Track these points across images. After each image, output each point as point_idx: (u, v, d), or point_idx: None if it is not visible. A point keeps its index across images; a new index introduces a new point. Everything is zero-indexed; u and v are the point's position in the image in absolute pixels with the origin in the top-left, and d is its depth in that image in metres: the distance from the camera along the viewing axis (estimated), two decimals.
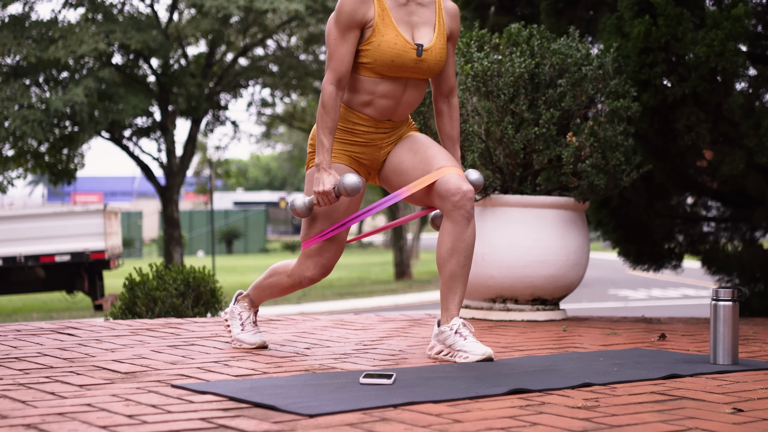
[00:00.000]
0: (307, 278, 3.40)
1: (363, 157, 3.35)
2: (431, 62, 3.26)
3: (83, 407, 2.31)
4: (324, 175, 3.20)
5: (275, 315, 5.46)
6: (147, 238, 48.15)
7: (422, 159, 3.30)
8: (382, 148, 3.36)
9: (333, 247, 3.37)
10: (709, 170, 6.07)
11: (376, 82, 3.25)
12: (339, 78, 3.20)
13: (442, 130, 3.48)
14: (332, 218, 3.32)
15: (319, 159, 3.21)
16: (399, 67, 3.22)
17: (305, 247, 3.36)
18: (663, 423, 2.24)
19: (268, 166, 64.92)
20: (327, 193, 3.19)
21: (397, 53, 3.20)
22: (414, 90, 3.31)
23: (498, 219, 4.85)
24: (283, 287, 3.49)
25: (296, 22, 18.97)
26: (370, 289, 19.15)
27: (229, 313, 3.60)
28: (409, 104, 3.32)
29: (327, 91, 3.20)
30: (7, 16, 16.62)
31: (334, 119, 3.20)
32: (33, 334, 3.89)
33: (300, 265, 3.40)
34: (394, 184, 3.38)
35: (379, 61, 3.20)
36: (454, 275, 3.26)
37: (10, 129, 15.28)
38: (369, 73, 3.24)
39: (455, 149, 3.47)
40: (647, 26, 5.13)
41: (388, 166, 3.38)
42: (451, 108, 3.46)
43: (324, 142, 3.20)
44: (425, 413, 2.29)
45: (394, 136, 3.37)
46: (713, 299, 3.24)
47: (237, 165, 54.79)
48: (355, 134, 3.31)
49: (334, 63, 3.20)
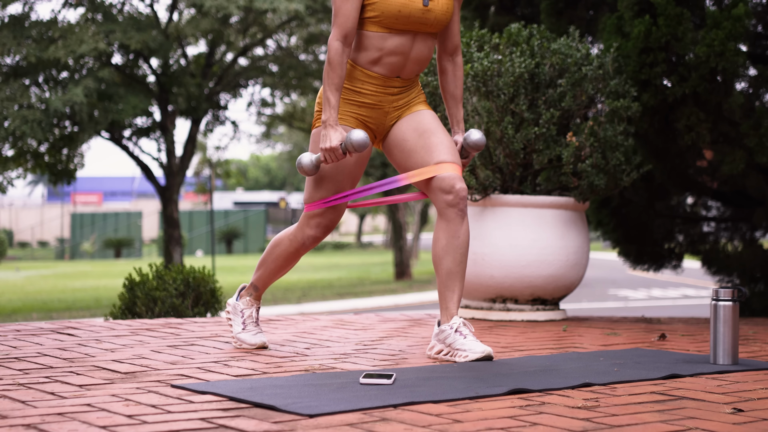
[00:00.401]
0: (310, 237, 3.41)
1: (370, 120, 3.34)
2: (438, 13, 3.26)
3: (83, 407, 2.31)
4: (331, 131, 3.20)
5: (275, 315, 5.46)
6: (147, 238, 48.16)
7: (425, 145, 3.30)
8: (389, 113, 3.35)
9: (335, 208, 3.39)
10: (709, 170, 6.07)
11: (384, 37, 3.24)
12: (345, 34, 3.20)
13: (445, 88, 3.48)
14: (337, 179, 3.33)
15: (326, 116, 3.21)
16: (406, 18, 3.21)
17: (308, 210, 3.37)
18: (663, 423, 2.24)
19: (268, 166, 64.94)
20: (334, 149, 3.19)
21: (404, 3, 3.19)
22: (422, 45, 3.29)
23: (498, 219, 4.85)
24: (289, 254, 3.47)
25: (296, 22, 18.96)
26: (370, 289, 19.15)
27: (231, 307, 3.59)
28: (417, 60, 3.31)
29: (333, 48, 3.19)
30: (7, 16, 16.61)
31: (340, 76, 3.20)
32: (33, 334, 3.89)
33: (302, 226, 3.42)
34: (395, 158, 3.39)
35: (386, 13, 3.20)
36: (451, 273, 3.27)
37: (9, 129, 15.27)
38: (376, 28, 3.23)
39: (458, 108, 3.48)
40: (647, 26, 5.13)
41: (392, 137, 3.38)
42: (455, 66, 3.46)
43: (330, 99, 3.20)
44: (425, 413, 2.29)
45: (402, 100, 3.35)
46: (713, 299, 3.24)
47: (237, 165, 54.82)
48: (363, 94, 3.30)
49: (339, 19, 3.19)
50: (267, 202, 53.62)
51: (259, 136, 36.05)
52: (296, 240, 3.45)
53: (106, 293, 17.66)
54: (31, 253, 45.06)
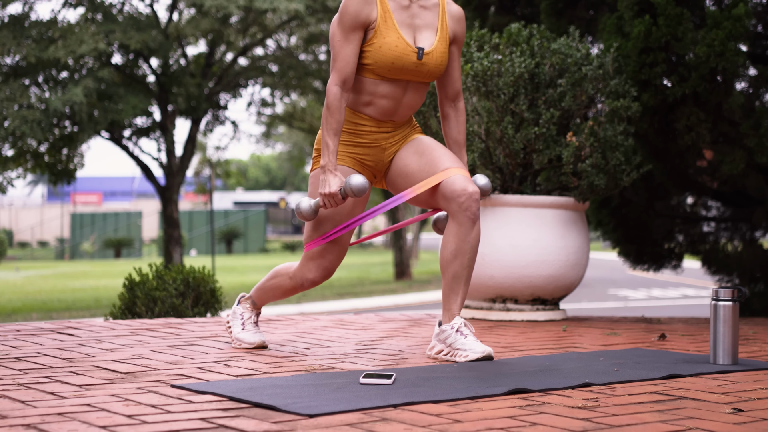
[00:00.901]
0: (309, 280, 3.40)
1: (367, 159, 3.35)
2: (432, 66, 3.27)
3: (83, 407, 2.31)
4: (330, 176, 3.19)
5: (275, 315, 5.45)
6: (147, 238, 48.15)
7: (428, 161, 3.30)
8: (386, 149, 3.36)
9: (335, 249, 3.36)
10: (709, 170, 6.07)
11: (377, 83, 3.25)
12: (344, 79, 3.20)
13: (448, 134, 3.48)
14: (336, 220, 3.32)
15: (325, 161, 3.21)
16: (399, 70, 3.23)
17: (308, 249, 3.36)
18: (663, 423, 2.24)
19: (268, 166, 64.95)
20: (333, 195, 3.18)
21: (398, 56, 3.20)
22: (414, 93, 3.31)
23: (498, 219, 4.85)
24: (286, 289, 3.49)
25: (296, 21, 18.95)
26: (370, 289, 19.14)
27: (231, 314, 3.61)
28: (409, 106, 3.33)
29: (332, 93, 3.20)
30: (7, 16, 16.61)
31: (339, 121, 3.20)
32: (33, 334, 3.89)
33: (302, 267, 3.41)
34: (400, 187, 3.37)
35: (380, 63, 3.21)
36: (457, 276, 3.26)
37: (9, 129, 15.27)
38: (370, 74, 3.25)
39: (462, 153, 3.47)
40: (647, 26, 5.13)
41: (393, 169, 3.38)
42: (457, 112, 3.46)
43: (329, 143, 3.20)
44: (425, 413, 2.29)
45: (398, 136, 3.37)
46: (713, 299, 3.24)
47: (237, 165, 54.83)
48: (359, 135, 3.31)
49: (338, 64, 3.20)
50: (267, 202, 53.64)
51: (259, 136, 36.04)
52: (295, 279, 3.45)
53: (106, 293, 17.66)
54: (31, 253, 45.05)
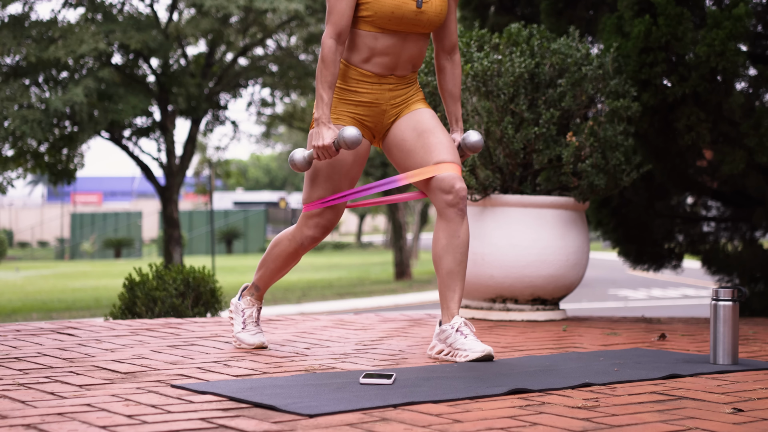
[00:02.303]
0: (309, 237, 3.41)
1: (367, 119, 3.34)
2: (431, 14, 3.26)
3: (83, 407, 2.31)
4: (323, 129, 3.19)
5: (275, 315, 5.45)
6: (147, 238, 48.15)
7: (424, 144, 3.30)
8: (386, 111, 3.34)
9: (333, 208, 3.39)
10: (709, 170, 6.07)
11: (376, 37, 3.25)
12: (339, 32, 3.20)
13: (443, 87, 3.48)
14: (335, 179, 3.33)
15: (319, 113, 3.21)
16: (399, 19, 3.21)
17: (306, 210, 3.38)
18: (663, 423, 2.24)
19: (268, 166, 64.95)
20: (327, 147, 3.18)
21: (397, 4, 3.20)
22: (414, 45, 3.30)
23: (498, 219, 4.85)
24: (288, 254, 3.48)
25: (296, 21, 18.95)
26: (370, 289, 19.14)
27: (233, 307, 3.61)
28: (409, 59, 3.31)
29: (327, 45, 3.20)
30: (7, 16, 16.61)
31: (333, 74, 3.20)
32: (33, 334, 3.89)
33: (300, 226, 3.42)
34: (395, 158, 3.39)
35: (379, 13, 3.20)
36: (452, 272, 3.27)
37: (9, 129, 15.27)
38: (369, 27, 3.24)
39: (456, 106, 3.49)
40: (647, 26, 5.13)
41: (391, 136, 3.37)
42: (453, 65, 3.46)
43: (323, 96, 3.20)
44: (425, 413, 2.29)
45: (400, 98, 3.35)
46: (713, 299, 3.24)
47: (237, 165, 54.82)
48: (359, 93, 3.30)
49: (333, 17, 3.20)
50: (267, 202, 53.61)
51: (259, 136, 36.04)
52: (295, 240, 3.45)
53: (106, 293, 17.66)
54: (31, 253, 45.05)
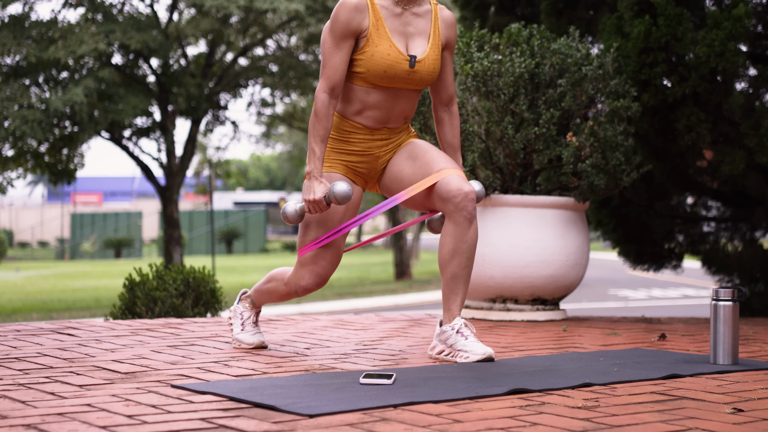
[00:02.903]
0: (302, 287, 3.39)
1: (360, 167, 3.35)
2: (424, 74, 3.26)
3: (83, 407, 2.31)
4: (315, 183, 3.19)
5: (275, 315, 5.45)
6: (147, 238, 48.15)
7: (422, 164, 3.29)
8: (379, 157, 3.35)
9: (329, 255, 3.35)
10: (709, 170, 6.07)
11: (368, 92, 3.25)
12: (332, 86, 3.20)
13: (443, 138, 3.48)
14: (327, 226, 3.32)
15: (310, 167, 3.20)
16: (391, 78, 3.22)
17: (301, 254, 3.35)
18: (663, 423, 2.24)
19: (268, 167, 64.94)
20: (317, 201, 3.18)
21: (390, 64, 3.20)
22: (406, 100, 3.31)
23: (498, 219, 4.85)
24: (280, 294, 3.49)
25: (296, 22, 18.95)
26: (370, 289, 19.14)
27: (233, 311, 3.62)
28: (401, 113, 3.32)
29: (320, 100, 3.19)
30: (7, 16, 16.61)
31: (326, 128, 3.20)
32: (33, 334, 3.89)
33: (296, 274, 3.40)
34: (394, 192, 3.37)
35: (372, 71, 3.20)
36: (456, 276, 3.26)
37: (9, 129, 15.27)
38: (361, 83, 3.24)
39: (456, 157, 3.48)
40: (647, 26, 5.13)
41: (387, 174, 3.37)
42: (451, 116, 3.46)
43: (315, 150, 3.20)
44: (425, 413, 2.29)
45: (392, 144, 3.36)
46: (713, 299, 3.24)
47: (237, 165, 54.82)
48: (351, 143, 3.31)
49: (327, 71, 3.20)
50: (267, 202, 53.61)
51: (259, 136, 36.03)
52: (289, 286, 3.44)
53: (106, 293, 17.66)
54: (31, 253, 45.05)
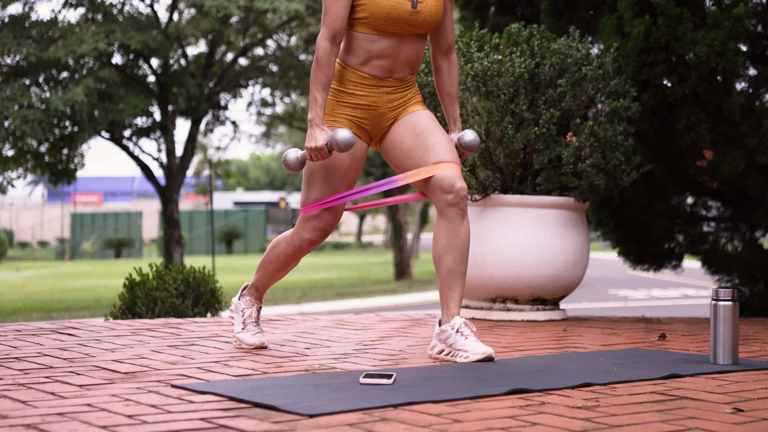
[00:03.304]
0: (306, 240, 3.40)
1: (364, 122, 3.34)
2: (427, 14, 3.26)
3: (83, 407, 2.31)
4: (316, 130, 3.19)
5: (275, 315, 5.45)
6: (147, 238, 48.15)
7: (423, 145, 3.30)
8: (384, 114, 3.34)
9: (331, 211, 3.38)
10: (709, 170, 6.07)
11: (372, 39, 3.25)
12: (334, 33, 3.20)
13: (441, 87, 3.49)
14: (332, 181, 3.32)
15: (312, 115, 3.21)
16: (395, 20, 3.22)
17: (304, 212, 3.38)
18: (663, 423, 2.24)
19: (268, 167, 64.95)
20: (319, 149, 3.18)
21: (392, 5, 3.20)
22: (411, 46, 3.29)
23: (498, 219, 4.85)
24: (286, 256, 3.48)
25: (296, 22, 18.95)
26: (370, 289, 19.14)
27: (233, 306, 3.62)
28: (407, 61, 3.31)
29: (321, 47, 3.20)
30: (7, 16, 16.61)
31: (327, 75, 3.20)
32: (33, 334, 3.89)
33: (298, 229, 3.42)
34: (393, 160, 3.39)
35: (375, 14, 3.20)
36: (452, 272, 3.27)
37: (10, 129, 15.27)
38: (365, 29, 3.24)
39: (454, 106, 3.49)
40: (647, 26, 5.13)
41: (389, 139, 3.37)
42: (450, 65, 3.47)
43: (317, 97, 3.20)
44: (425, 413, 2.29)
45: (398, 100, 3.35)
46: (713, 299, 3.24)
47: (237, 165, 54.81)
48: (356, 95, 3.30)
49: (329, 18, 3.20)
50: (267, 202, 53.62)
51: (259, 136, 36.01)
52: (293, 243, 3.45)
53: (106, 293, 17.66)
54: (31, 253, 45.05)
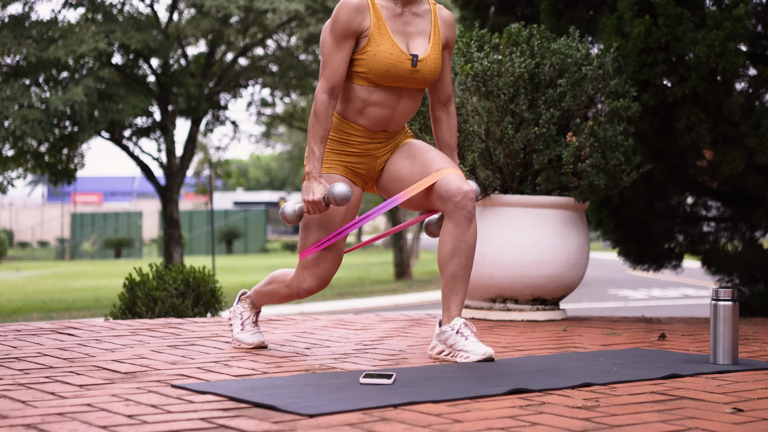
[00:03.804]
0: (304, 290, 3.39)
1: (359, 167, 3.35)
2: (426, 73, 3.27)
3: (83, 407, 2.31)
4: (314, 184, 3.19)
5: (275, 315, 5.45)
6: (147, 238, 48.15)
7: (420, 163, 3.30)
8: (378, 158, 3.36)
9: (330, 257, 3.35)
10: (709, 170, 6.07)
11: (370, 91, 3.25)
12: (332, 87, 3.20)
13: (440, 138, 3.49)
14: (328, 228, 3.32)
15: (309, 168, 3.21)
16: (394, 77, 3.22)
17: (302, 257, 3.35)
18: (663, 423, 2.24)
19: (268, 166, 64.95)
20: (317, 202, 3.18)
21: (392, 63, 3.20)
22: (409, 100, 3.31)
23: (498, 219, 4.85)
24: (282, 296, 3.49)
25: (296, 22, 18.95)
26: (370, 289, 19.14)
27: (232, 311, 3.62)
28: (404, 114, 3.32)
29: (320, 100, 3.20)
30: (7, 16, 16.61)
31: (326, 128, 3.20)
32: (33, 334, 3.89)
33: (297, 277, 3.40)
34: (392, 192, 3.37)
35: (374, 71, 3.20)
36: (456, 276, 3.26)
37: (10, 129, 15.27)
38: (363, 82, 3.24)
39: (453, 157, 3.48)
40: (647, 26, 5.13)
41: (386, 174, 3.38)
42: (449, 116, 3.47)
43: (315, 150, 3.20)
44: (425, 413, 2.29)
45: (390, 145, 3.37)
46: (713, 299, 3.24)
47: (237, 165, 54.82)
48: (350, 145, 3.31)
49: (327, 71, 3.20)
50: (267, 202, 53.62)
51: (259, 136, 36.03)
52: (291, 287, 3.45)
53: (106, 293, 17.66)
54: (31, 253, 45.05)
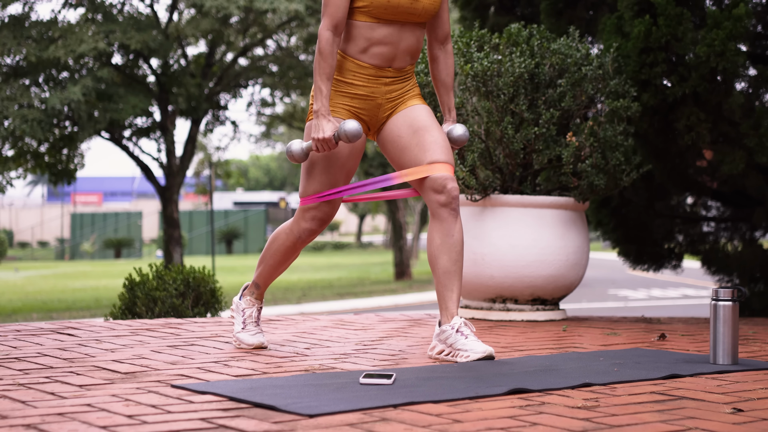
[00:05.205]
0: (306, 230, 3.42)
1: (363, 112, 3.35)
2: (426, 3, 3.28)
3: (83, 407, 2.31)
4: (323, 121, 3.21)
5: (275, 315, 5.45)
6: (147, 238, 48.15)
7: (419, 142, 3.32)
8: (382, 105, 3.36)
9: (329, 202, 3.40)
10: (709, 170, 6.07)
11: (373, 27, 3.26)
12: (335, 23, 3.22)
13: (436, 76, 3.51)
14: (331, 172, 3.33)
15: (318, 105, 3.22)
16: (395, 8, 3.23)
17: (303, 204, 3.40)
18: (663, 423, 2.24)
19: (268, 166, 64.95)
20: (327, 140, 3.19)
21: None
22: (411, 35, 3.31)
23: (498, 219, 4.85)
24: (286, 248, 3.48)
25: (296, 22, 18.95)
26: (370, 289, 19.14)
27: (234, 305, 3.62)
28: (407, 50, 3.32)
29: (324, 37, 3.22)
30: (7, 16, 16.62)
31: (331, 65, 3.22)
32: (33, 334, 3.89)
33: (297, 219, 3.43)
34: (389, 153, 3.41)
35: (375, 3, 3.22)
36: (448, 272, 3.28)
37: (9, 129, 15.28)
38: (365, 18, 3.25)
39: (449, 96, 3.51)
40: (647, 26, 5.13)
41: (386, 132, 3.39)
42: (446, 54, 3.49)
43: (322, 88, 3.22)
44: (425, 413, 2.29)
45: (396, 92, 3.36)
46: (713, 299, 3.24)
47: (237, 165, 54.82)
48: (355, 86, 3.31)
49: (330, 9, 3.22)
50: (267, 202, 53.61)
51: (259, 136, 36.03)
52: (293, 233, 3.46)
53: (106, 293, 17.67)
54: (31, 253, 45.05)
